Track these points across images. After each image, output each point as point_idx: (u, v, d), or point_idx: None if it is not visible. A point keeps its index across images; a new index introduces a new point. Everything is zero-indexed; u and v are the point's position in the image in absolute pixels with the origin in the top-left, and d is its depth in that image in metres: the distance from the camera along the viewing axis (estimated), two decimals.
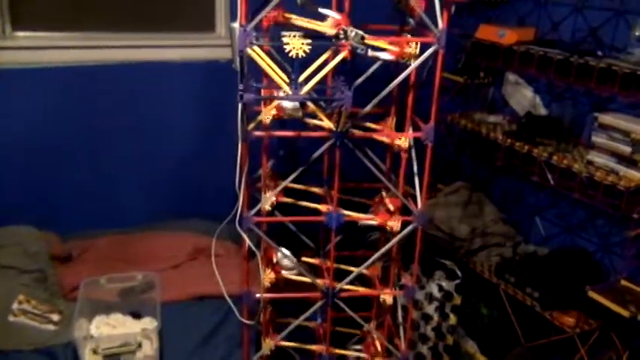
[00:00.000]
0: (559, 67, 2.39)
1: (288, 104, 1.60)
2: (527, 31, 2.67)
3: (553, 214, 2.77)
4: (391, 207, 1.80)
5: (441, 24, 1.53)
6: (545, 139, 2.52)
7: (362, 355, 2.06)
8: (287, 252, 1.83)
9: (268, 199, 1.72)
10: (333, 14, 1.45)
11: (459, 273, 2.48)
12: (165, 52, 2.72)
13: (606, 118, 2.27)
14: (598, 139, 2.29)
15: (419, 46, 1.56)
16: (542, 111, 2.71)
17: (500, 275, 2.59)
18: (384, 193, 1.90)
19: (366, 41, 1.40)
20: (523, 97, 2.80)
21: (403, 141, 1.73)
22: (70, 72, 2.54)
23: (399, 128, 1.83)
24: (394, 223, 1.76)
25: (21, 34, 2.51)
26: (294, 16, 1.59)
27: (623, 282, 2.29)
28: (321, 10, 1.46)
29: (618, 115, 2.27)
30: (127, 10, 2.69)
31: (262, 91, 1.67)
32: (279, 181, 1.79)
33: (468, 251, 2.80)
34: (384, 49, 1.47)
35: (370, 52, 1.43)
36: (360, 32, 1.39)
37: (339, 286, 1.79)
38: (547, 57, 2.43)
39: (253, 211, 1.67)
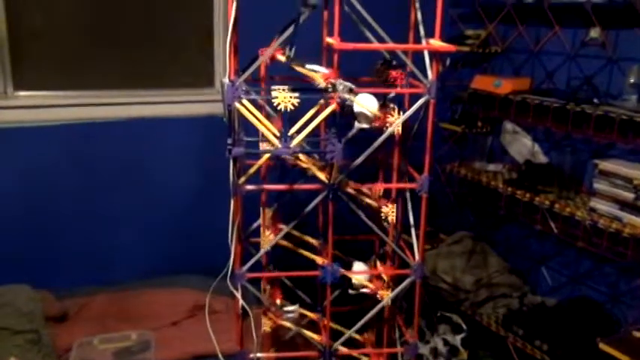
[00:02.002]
0: (556, 115, 2.39)
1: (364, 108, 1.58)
2: (522, 81, 2.69)
3: (559, 263, 2.71)
4: (384, 277, 1.77)
5: (430, 75, 1.54)
6: (546, 187, 2.49)
7: None
8: (291, 308, 1.79)
9: (267, 239, 1.68)
10: (320, 69, 1.46)
11: (464, 326, 2.41)
12: (165, 107, 2.76)
13: (607, 165, 2.25)
14: (600, 185, 2.27)
15: (401, 115, 1.57)
16: (542, 159, 2.69)
17: (508, 327, 2.51)
18: (376, 259, 1.88)
19: (352, 96, 1.41)
20: (522, 145, 2.80)
21: (390, 209, 1.71)
22: (70, 129, 2.57)
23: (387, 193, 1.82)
24: (385, 293, 1.73)
25: (22, 93, 2.56)
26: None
27: (635, 333, 2.20)
28: (308, 66, 1.48)
29: (619, 162, 2.25)
30: (125, 68, 2.75)
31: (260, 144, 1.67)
32: (280, 225, 1.76)
33: (473, 303, 2.73)
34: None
35: (357, 125, 1.44)
36: (348, 84, 1.40)
37: (335, 345, 1.73)
38: (543, 105, 2.44)
39: (246, 267, 1.64)
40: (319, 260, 1.74)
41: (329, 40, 1.46)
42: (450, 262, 2.84)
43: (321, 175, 1.57)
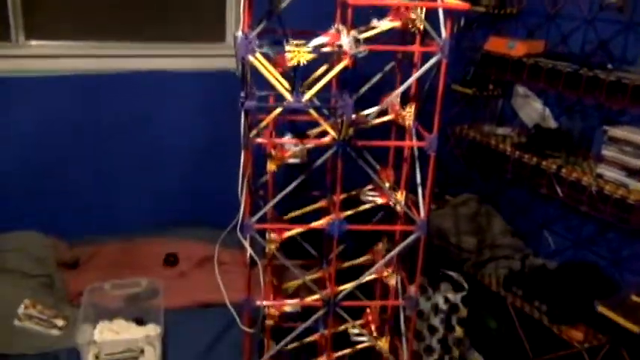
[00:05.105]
0: (568, 79, 2.37)
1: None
2: (536, 44, 2.67)
3: (562, 227, 2.74)
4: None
5: (444, 34, 1.53)
6: (554, 151, 2.50)
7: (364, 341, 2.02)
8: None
9: (267, 209, 1.71)
10: (322, 40, 1.46)
11: (465, 285, 2.46)
12: (176, 61, 2.76)
13: (616, 132, 2.25)
14: (608, 152, 2.27)
15: (424, 11, 1.56)
16: (552, 123, 2.69)
17: (508, 288, 2.56)
18: (388, 192, 1.88)
19: (366, 34, 1.40)
20: (532, 109, 2.79)
21: (409, 115, 1.71)
22: (80, 80, 2.58)
23: (402, 136, 1.83)
24: (398, 199, 1.75)
25: (34, 42, 2.56)
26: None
27: (634, 297, 2.24)
28: (310, 44, 1.46)
29: (629, 129, 2.25)
30: (137, 20, 2.74)
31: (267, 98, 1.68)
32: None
33: (475, 263, 2.78)
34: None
35: (374, 23, 1.42)
36: (355, 36, 1.40)
37: (340, 295, 1.78)
38: (556, 70, 2.42)
39: (255, 218, 1.67)
40: (326, 220, 1.76)
41: None
42: (455, 223, 2.88)
43: (332, 131, 1.58)
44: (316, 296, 1.81)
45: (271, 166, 1.73)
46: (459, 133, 2.98)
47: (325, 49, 1.44)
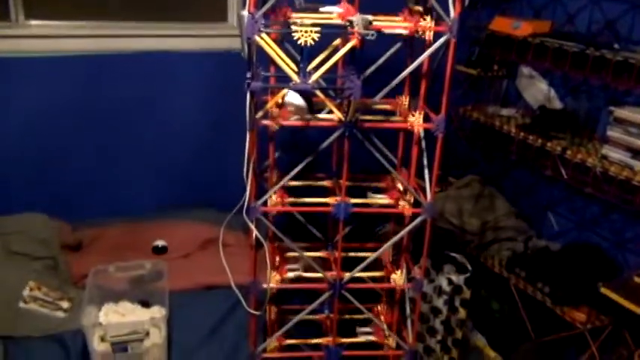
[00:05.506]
0: (574, 59, 2.35)
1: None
2: (542, 24, 2.63)
3: (566, 208, 2.74)
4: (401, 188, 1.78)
5: (453, 13, 1.51)
6: (559, 132, 2.48)
7: (371, 337, 2.04)
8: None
9: (272, 191, 1.70)
10: (335, 9, 1.43)
11: (468, 267, 2.46)
12: (177, 41, 2.72)
13: (622, 112, 2.23)
14: (613, 133, 2.25)
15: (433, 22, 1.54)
16: (557, 104, 2.67)
17: (511, 269, 2.57)
18: (395, 174, 1.88)
19: (376, 23, 1.38)
20: (537, 90, 2.76)
21: (417, 118, 1.69)
22: (82, 61, 2.55)
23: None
24: (405, 203, 1.74)
25: (34, 22, 2.52)
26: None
27: (637, 278, 2.25)
28: (322, 9, 1.45)
29: (635, 109, 2.23)
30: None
31: (271, 79, 1.66)
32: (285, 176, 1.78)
33: (478, 245, 2.78)
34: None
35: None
36: (367, 17, 1.38)
37: (346, 277, 1.78)
38: (562, 49, 2.39)
39: (261, 201, 1.66)
40: (331, 200, 1.75)
41: None
42: (458, 205, 2.87)
43: (338, 113, 1.57)
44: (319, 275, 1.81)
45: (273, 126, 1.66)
46: (462, 114, 2.95)
47: (335, 22, 1.42)
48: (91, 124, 2.64)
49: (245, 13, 1.40)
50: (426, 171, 1.73)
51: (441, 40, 1.52)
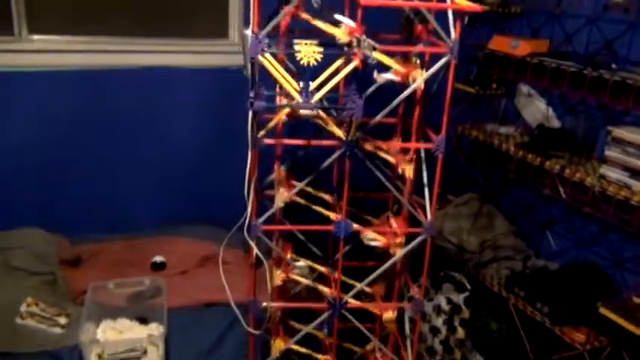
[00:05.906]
0: (572, 79, 2.37)
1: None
2: (540, 43, 2.66)
3: (564, 228, 2.74)
4: (397, 230, 1.79)
5: (453, 34, 1.52)
6: (557, 151, 2.49)
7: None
8: (301, 262, 1.81)
9: (282, 196, 1.70)
10: (348, 21, 1.44)
11: (468, 286, 2.46)
12: (178, 57, 2.73)
13: (620, 132, 2.24)
14: (611, 153, 2.27)
15: (425, 65, 1.55)
16: (555, 123, 2.68)
17: (510, 289, 2.56)
18: (390, 214, 1.89)
19: (375, 54, 1.40)
20: (536, 109, 2.78)
21: (408, 169, 1.71)
22: (83, 76, 2.56)
23: (408, 136, 1.82)
24: (398, 248, 1.75)
25: (36, 37, 2.54)
26: (310, 17, 1.58)
27: (636, 299, 2.25)
28: (336, 16, 1.46)
29: (633, 129, 2.24)
30: (140, 16, 2.72)
31: (277, 98, 1.66)
32: (293, 182, 1.78)
33: (477, 264, 2.77)
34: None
35: (376, 75, 1.42)
36: (372, 42, 1.39)
37: (345, 297, 1.78)
38: (560, 69, 2.41)
39: (262, 219, 1.66)
40: (333, 216, 1.76)
41: None
42: (457, 223, 2.87)
43: (339, 132, 1.58)
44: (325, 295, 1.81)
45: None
46: (461, 132, 2.97)
47: (339, 37, 1.42)
48: (91, 140, 2.64)
49: (249, 32, 1.41)
50: (427, 190, 1.74)
51: (442, 61, 1.53)
